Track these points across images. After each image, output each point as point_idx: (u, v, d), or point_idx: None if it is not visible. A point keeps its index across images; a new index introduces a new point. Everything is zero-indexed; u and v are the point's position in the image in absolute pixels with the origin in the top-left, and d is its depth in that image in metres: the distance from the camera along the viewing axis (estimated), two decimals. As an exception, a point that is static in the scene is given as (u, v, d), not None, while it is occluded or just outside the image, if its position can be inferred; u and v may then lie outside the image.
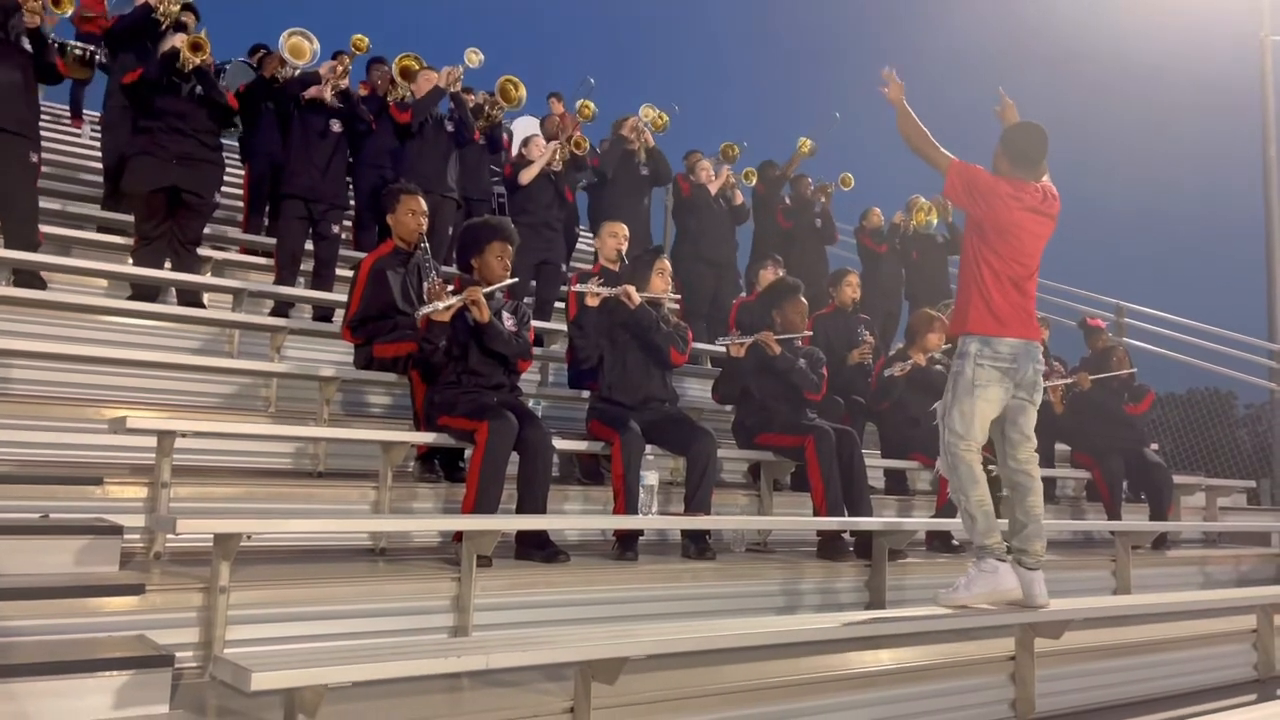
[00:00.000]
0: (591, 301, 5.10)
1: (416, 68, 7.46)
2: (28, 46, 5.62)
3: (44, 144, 6.15)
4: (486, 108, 8.02)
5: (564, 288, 7.54)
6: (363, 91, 7.71)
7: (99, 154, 7.94)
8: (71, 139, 9.86)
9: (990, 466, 4.04)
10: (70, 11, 6.13)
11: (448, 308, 4.46)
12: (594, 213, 8.45)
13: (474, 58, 7.49)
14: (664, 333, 5.13)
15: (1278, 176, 10.60)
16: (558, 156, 7.56)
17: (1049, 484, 7.20)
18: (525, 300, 5.10)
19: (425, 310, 4.50)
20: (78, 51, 7.91)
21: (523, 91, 8.01)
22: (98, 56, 8.04)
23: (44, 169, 6.22)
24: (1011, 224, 3.88)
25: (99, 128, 8.16)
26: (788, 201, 8.94)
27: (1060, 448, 7.53)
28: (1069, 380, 7.10)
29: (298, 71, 6.78)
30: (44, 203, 6.19)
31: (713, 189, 8.27)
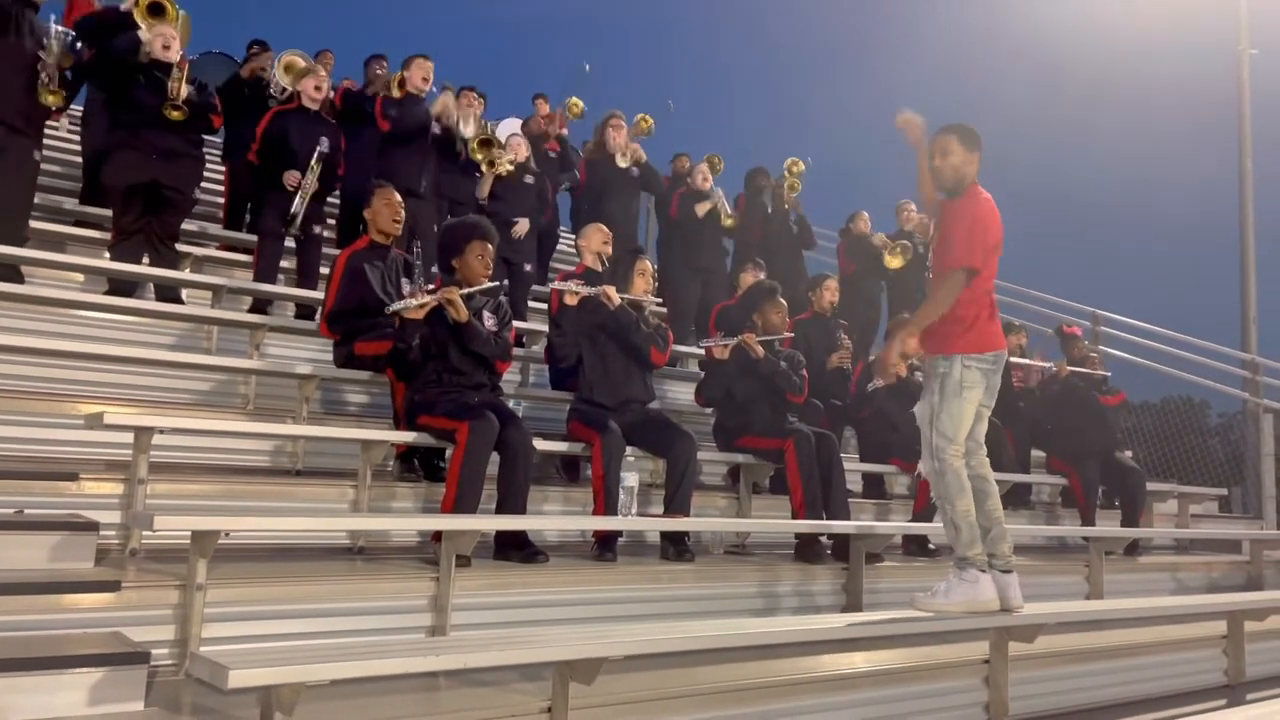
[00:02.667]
0: (571, 300, 5.11)
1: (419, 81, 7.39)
2: (52, 43, 5.59)
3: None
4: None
5: (540, 288, 7.54)
6: (349, 86, 7.67)
7: (76, 147, 7.87)
8: (49, 132, 9.73)
9: None
10: None
11: (420, 305, 4.46)
12: (581, 215, 8.42)
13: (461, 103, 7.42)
14: (644, 333, 5.14)
15: (1254, 187, 10.74)
16: (501, 167, 7.31)
17: (1026, 489, 7.28)
18: (504, 299, 5.10)
19: (397, 306, 4.50)
20: (67, 39, 7.80)
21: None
22: (77, 44, 7.93)
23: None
24: (997, 235, 3.92)
25: (79, 121, 8.08)
26: (769, 209, 8.93)
27: (1036, 454, 7.60)
28: (1048, 365, 7.27)
29: (285, 93, 6.75)
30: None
31: (700, 212, 8.18)
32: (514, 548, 4.24)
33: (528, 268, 7.58)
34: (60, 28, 7.43)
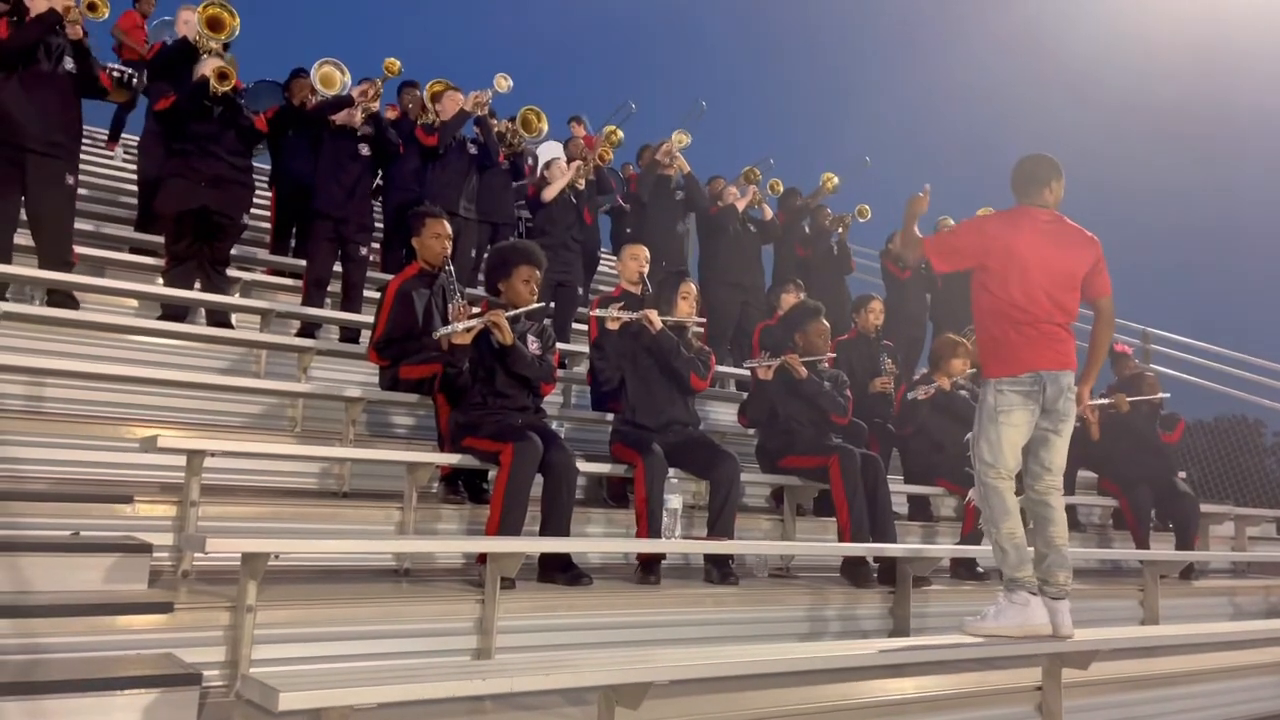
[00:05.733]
0: (612, 326, 5.12)
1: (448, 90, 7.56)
2: (70, 67, 5.69)
3: (79, 166, 6.20)
4: (508, 136, 8.09)
5: (582, 309, 7.60)
6: (390, 115, 7.80)
7: (132, 176, 8.08)
8: (105, 161, 10.02)
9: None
10: (105, 15, 6.17)
11: (467, 329, 4.49)
12: (623, 236, 8.50)
13: (503, 83, 7.57)
14: (684, 358, 5.13)
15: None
16: (580, 174, 7.63)
17: (1074, 512, 7.14)
18: (547, 322, 5.14)
19: (444, 331, 4.54)
20: (116, 74, 8.05)
21: (544, 123, 8.10)
22: (134, 80, 8.18)
23: (79, 191, 6.28)
24: (1008, 250, 3.86)
25: (134, 150, 8.31)
26: (807, 230, 8.97)
27: (1084, 475, 7.46)
28: (1105, 401, 7.03)
29: (329, 96, 6.89)
30: (77, 224, 6.28)
31: (741, 206, 8.31)
32: (558, 570, 4.24)
33: (580, 290, 7.67)
34: (116, 66, 7.67)
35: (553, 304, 7.40)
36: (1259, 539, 8.36)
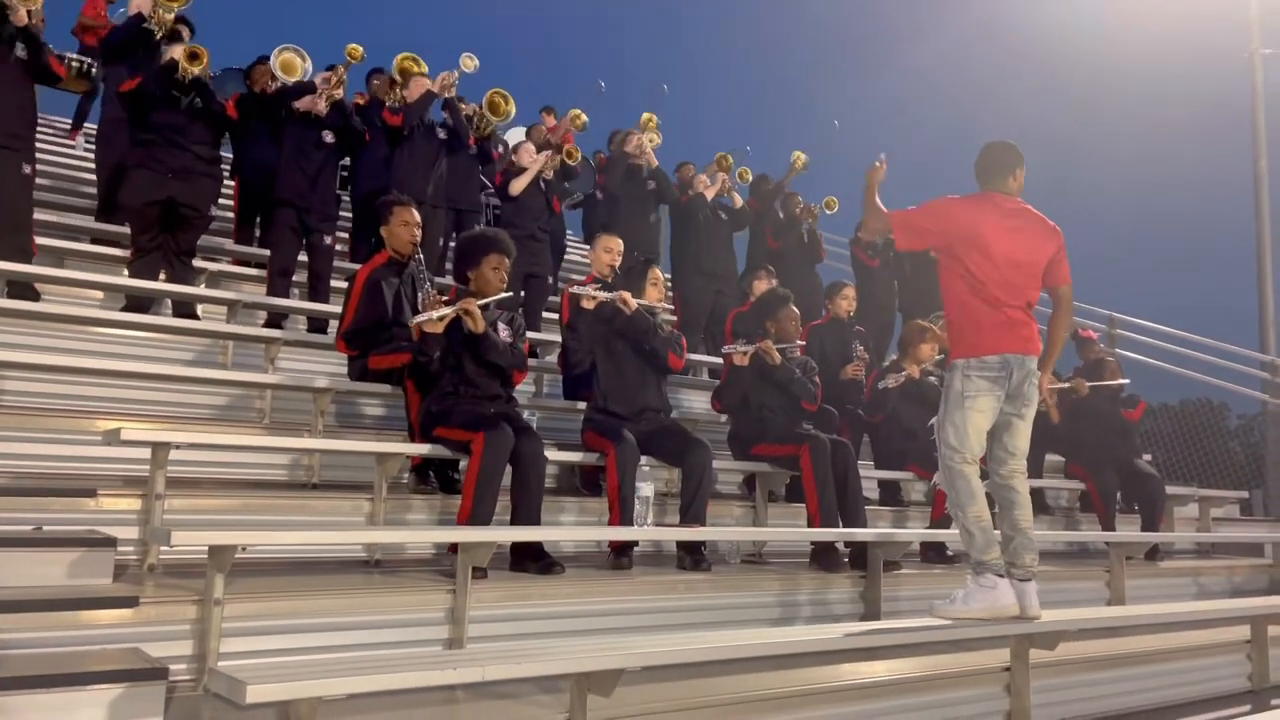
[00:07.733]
0: (587, 304, 5.10)
1: (415, 70, 7.45)
2: (21, 54, 5.59)
3: (39, 156, 6.10)
4: (475, 120, 8.02)
5: (553, 298, 7.57)
6: (359, 102, 7.71)
7: (93, 165, 7.95)
8: (66, 150, 9.85)
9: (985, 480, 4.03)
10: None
11: (440, 318, 4.46)
12: (595, 226, 8.46)
13: (469, 63, 7.50)
14: (661, 337, 5.13)
15: (1268, 189, 10.68)
16: (549, 165, 7.59)
17: (1041, 495, 7.22)
18: (518, 311, 5.11)
19: (418, 320, 4.50)
20: (75, 64, 7.91)
21: (511, 105, 8.03)
22: (94, 69, 8.04)
23: (39, 181, 6.18)
24: (973, 235, 3.87)
25: (93, 139, 8.17)
26: (780, 216, 8.97)
27: (1051, 458, 7.54)
28: (1065, 385, 7.10)
29: (290, 83, 6.80)
30: (38, 214, 6.19)
31: (709, 195, 8.30)
32: (530, 559, 4.24)
33: (549, 280, 7.63)
34: (75, 55, 7.51)
35: (523, 293, 7.37)
36: (1223, 520, 8.50)
